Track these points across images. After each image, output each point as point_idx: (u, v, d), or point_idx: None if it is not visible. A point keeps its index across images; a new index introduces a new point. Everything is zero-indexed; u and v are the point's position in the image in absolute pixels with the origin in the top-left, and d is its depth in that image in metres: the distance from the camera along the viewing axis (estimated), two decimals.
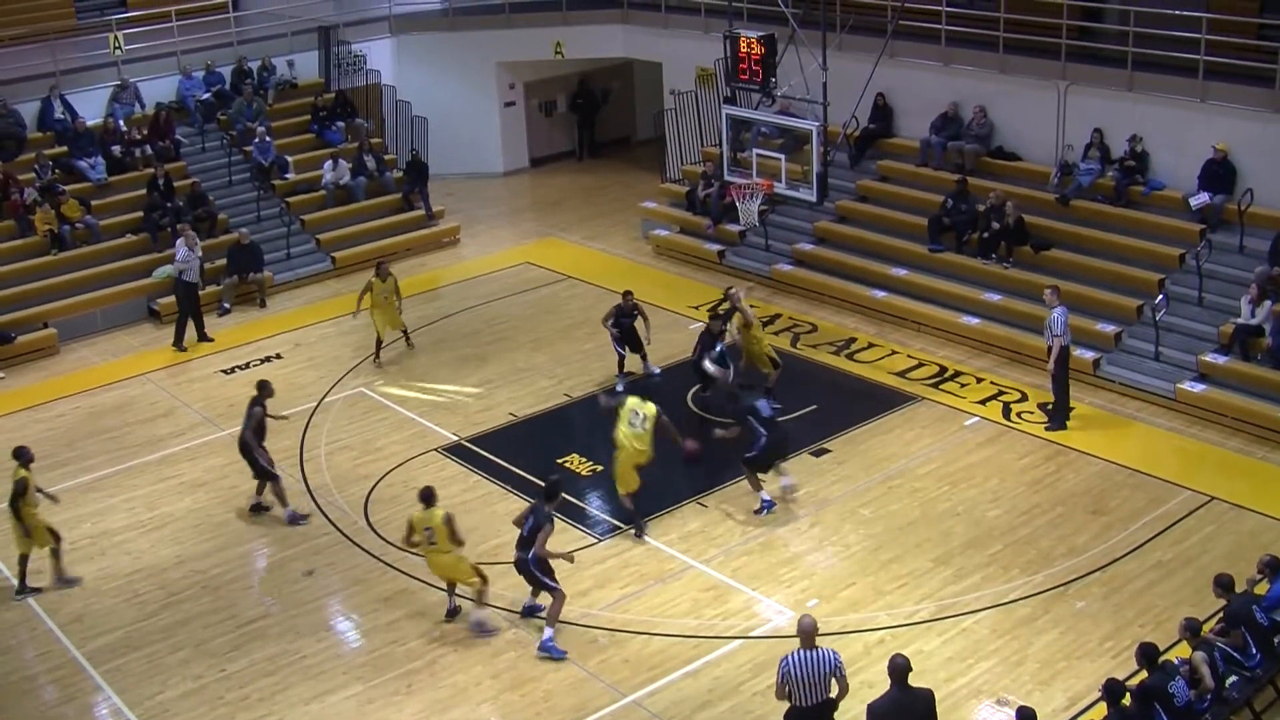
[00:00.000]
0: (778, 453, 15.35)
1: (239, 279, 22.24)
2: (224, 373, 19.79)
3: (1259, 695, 11.49)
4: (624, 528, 15.13)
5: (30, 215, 22.15)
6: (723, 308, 19.01)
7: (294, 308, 22.45)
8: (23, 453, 14.46)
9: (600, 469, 15.95)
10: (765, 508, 15.23)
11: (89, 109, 24.18)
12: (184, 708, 12.53)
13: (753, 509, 15.29)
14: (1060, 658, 12.59)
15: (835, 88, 18.97)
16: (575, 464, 16.54)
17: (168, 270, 21.42)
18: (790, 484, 15.44)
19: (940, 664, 12.53)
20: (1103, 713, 10.80)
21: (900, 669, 10.00)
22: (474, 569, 13.37)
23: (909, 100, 22.94)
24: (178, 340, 20.67)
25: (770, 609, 13.58)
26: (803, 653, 10.32)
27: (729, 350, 17.36)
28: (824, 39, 18.62)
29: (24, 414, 18.78)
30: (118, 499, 16.39)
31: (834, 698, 10.44)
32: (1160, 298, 18.18)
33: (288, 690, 12.69)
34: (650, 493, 15.52)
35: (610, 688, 12.51)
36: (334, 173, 24.82)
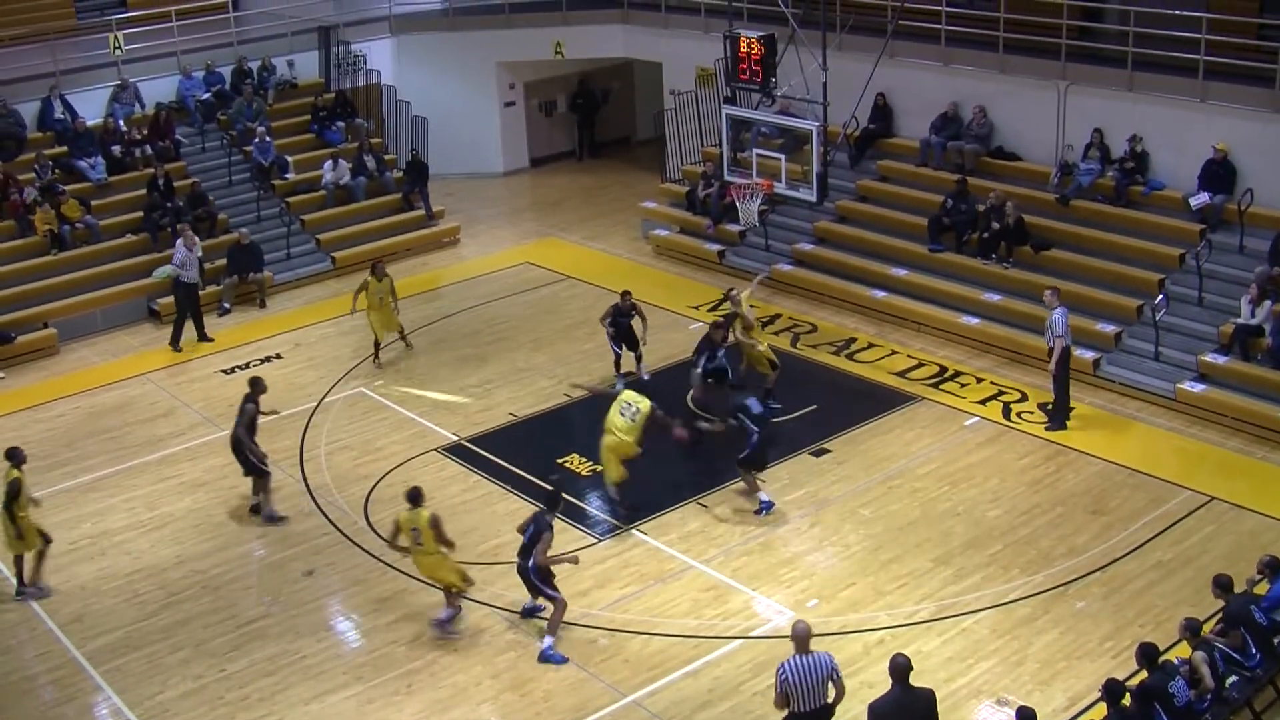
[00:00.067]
0: (771, 450, 15.36)
1: (239, 279, 22.23)
2: (224, 373, 19.78)
3: (1259, 695, 11.49)
4: (624, 527, 15.14)
5: (30, 215, 22.15)
6: (723, 308, 19.02)
7: (294, 308, 22.45)
8: (15, 454, 14.35)
9: (600, 469, 15.94)
10: (765, 508, 15.23)
11: (89, 109, 24.18)
12: (184, 708, 12.53)
13: (752, 510, 15.29)
14: (1060, 658, 12.58)
15: (835, 88, 18.97)
16: (575, 464, 16.53)
17: (167, 270, 21.41)
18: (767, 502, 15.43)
19: (940, 664, 12.53)
20: (1103, 713, 10.80)
21: (901, 668, 10.01)
22: (460, 572, 13.31)
23: (909, 100, 22.93)
24: (174, 340, 20.67)
25: (770, 609, 13.57)
26: (799, 658, 10.29)
27: (729, 353, 17.39)
28: (824, 39, 18.62)
29: (24, 414, 18.78)
30: (118, 499, 16.39)
31: (831, 702, 10.42)
32: (1160, 298, 18.19)
33: (288, 690, 12.69)
34: (651, 493, 15.59)
35: (610, 688, 12.51)
36: (334, 173, 24.81)
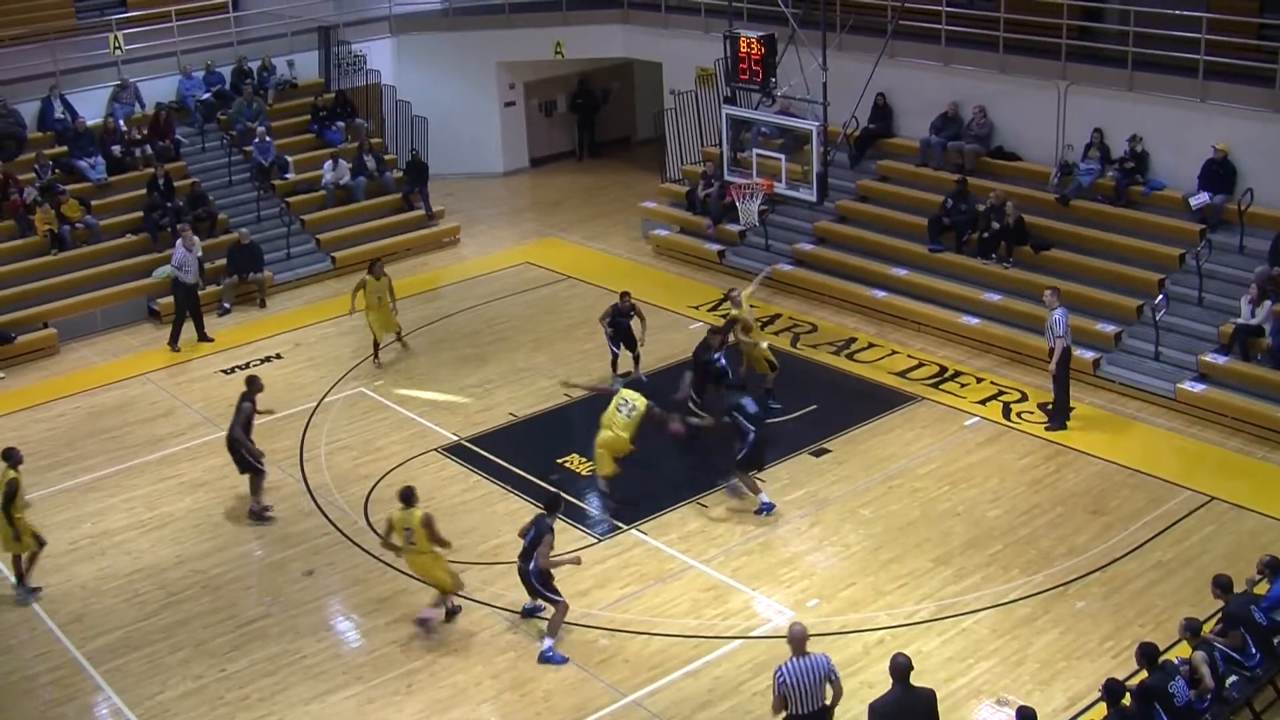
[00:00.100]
0: (768, 450, 15.38)
1: (239, 279, 22.23)
2: (224, 373, 19.77)
3: (1259, 695, 11.49)
4: (624, 527, 15.13)
5: (30, 215, 22.14)
6: (724, 308, 19.01)
7: (294, 308, 22.44)
8: (11, 454, 14.27)
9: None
10: (765, 509, 15.22)
11: (89, 109, 24.17)
12: (184, 708, 12.52)
13: (753, 510, 15.28)
14: (1060, 658, 12.58)
15: (835, 88, 18.96)
16: (575, 464, 16.52)
17: (166, 270, 21.42)
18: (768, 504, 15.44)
19: (940, 664, 12.53)
20: (1103, 713, 10.80)
21: (902, 668, 10.00)
22: (451, 574, 13.30)
23: (909, 100, 22.93)
24: (173, 340, 20.67)
25: (770, 609, 13.57)
26: (796, 661, 10.27)
27: (729, 355, 17.39)
28: (824, 39, 18.62)
29: (24, 414, 18.77)
30: (118, 499, 16.39)
31: (829, 704, 10.41)
32: (1160, 298, 18.18)
33: (288, 690, 12.68)
34: (651, 493, 15.59)
35: (610, 688, 12.51)
36: (334, 173, 24.81)
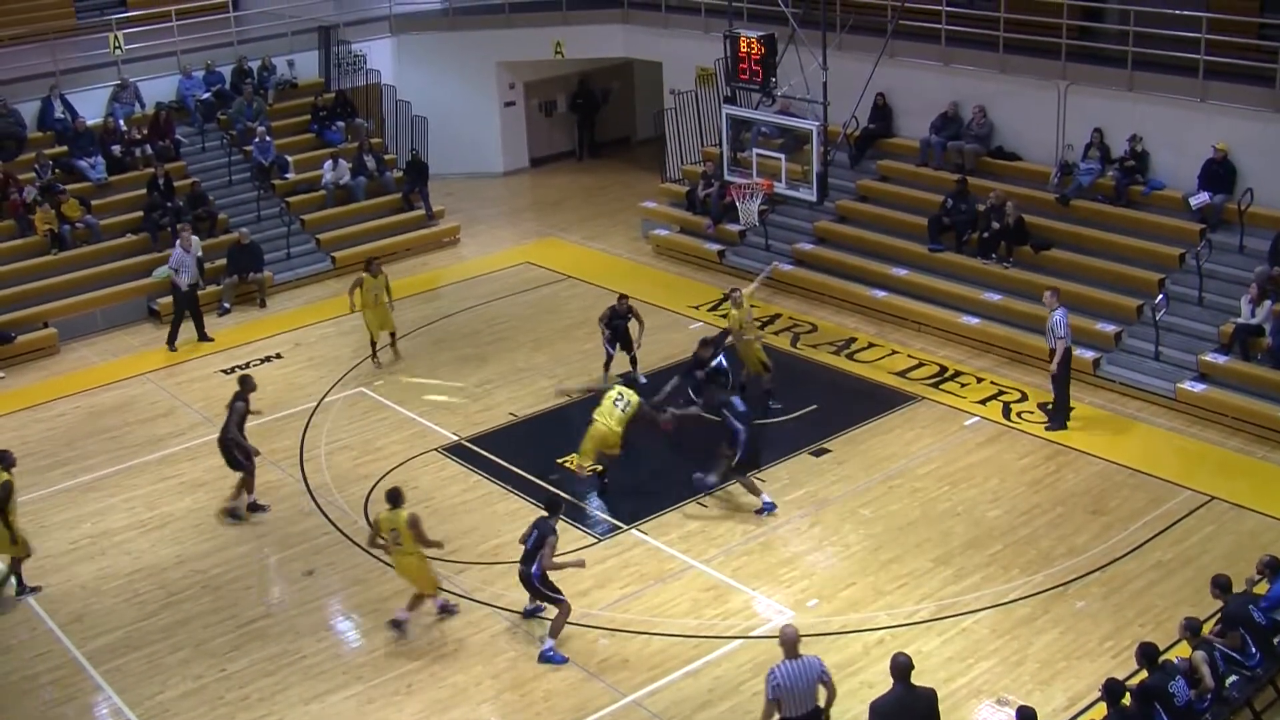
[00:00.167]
0: (762, 447, 15.45)
1: (239, 279, 22.23)
2: (224, 372, 19.74)
3: (1259, 695, 11.49)
4: (624, 527, 15.14)
5: (30, 215, 22.14)
6: (724, 308, 18.99)
7: (294, 308, 22.44)
8: (5, 457, 14.25)
9: (600, 469, 15.94)
10: (766, 509, 15.23)
11: (89, 109, 24.18)
12: (184, 708, 12.52)
13: (753, 509, 15.28)
14: (1060, 658, 12.58)
15: (835, 88, 18.96)
16: (575, 464, 16.51)
17: (165, 271, 21.42)
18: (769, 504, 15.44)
19: (940, 664, 12.52)
20: (1103, 713, 10.80)
21: (903, 667, 9.99)
22: (433, 579, 13.31)
23: (909, 100, 22.93)
24: (171, 340, 20.69)
25: (770, 609, 13.57)
26: (789, 663, 10.23)
27: (730, 357, 17.40)
28: (824, 39, 18.62)
29: (24, 414, 18.77)
30: (118, 499, 16.38)
31: (822, 705, 10.39)
32: (1160, 298, 18.18)
33: (288, 690, 12.68)
34: (651, 492, 15.61)
35: (610, 688, 12.50)
36: (334, 173, 24.81)
